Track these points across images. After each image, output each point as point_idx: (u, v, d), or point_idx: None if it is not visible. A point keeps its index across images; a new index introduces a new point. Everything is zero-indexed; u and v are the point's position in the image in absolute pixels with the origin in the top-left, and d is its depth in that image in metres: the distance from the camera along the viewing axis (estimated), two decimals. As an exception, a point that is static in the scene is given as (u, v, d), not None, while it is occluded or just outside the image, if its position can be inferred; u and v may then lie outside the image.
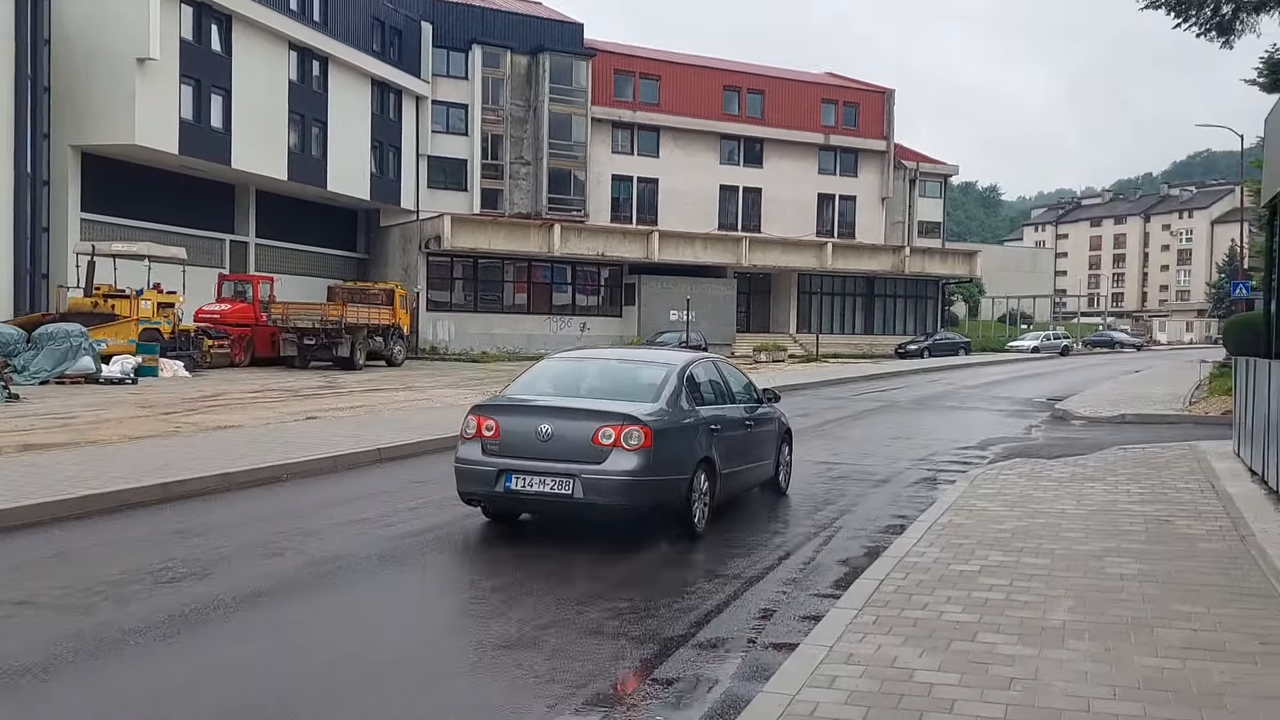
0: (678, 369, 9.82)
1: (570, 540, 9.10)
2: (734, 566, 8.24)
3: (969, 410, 24.06)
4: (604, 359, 10.99)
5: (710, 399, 10.17)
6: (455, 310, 50.63)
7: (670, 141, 60.89)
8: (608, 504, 8.71)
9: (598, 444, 8.70)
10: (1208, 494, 10.79)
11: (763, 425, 11.24)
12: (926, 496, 11.62)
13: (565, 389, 9.82)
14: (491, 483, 8.88)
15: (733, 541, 9.20)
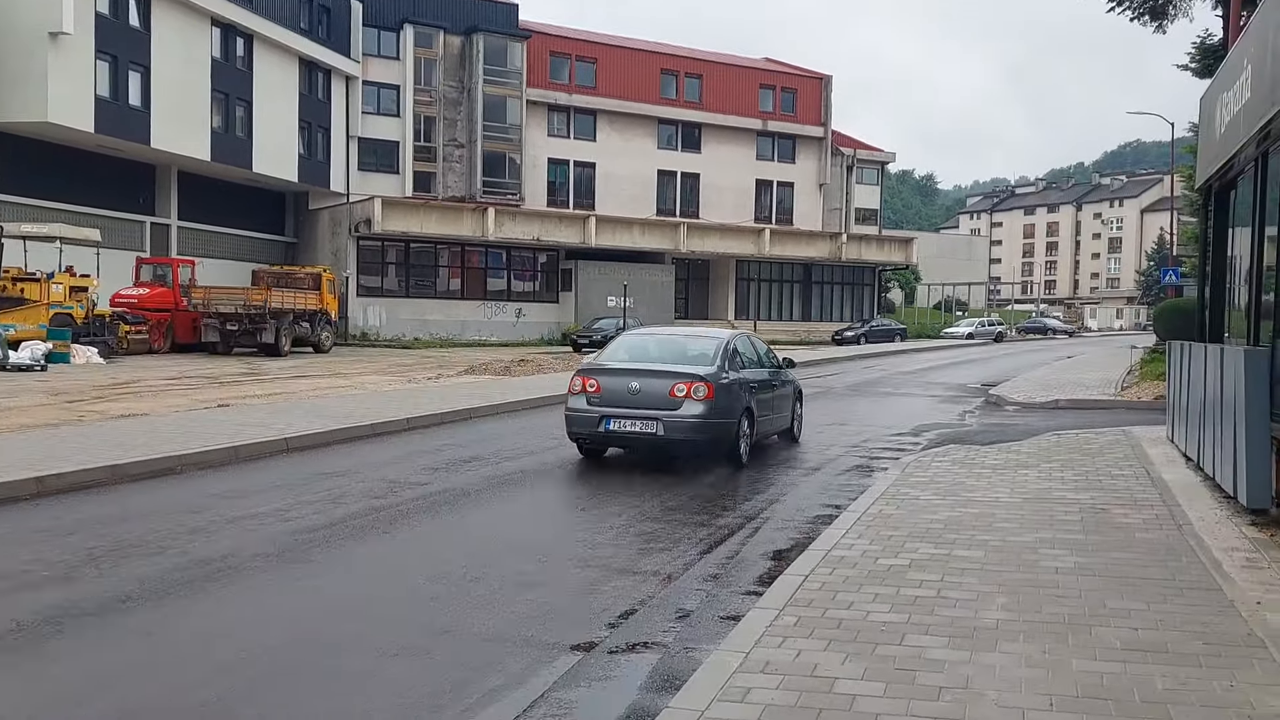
0: (724, 341, 13.08)
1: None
2: (653, 562, 7.74)
3: (903, 396, 23.82)
4: (667, 334, 14.47)
5: (747, 364, 13.24)
6: (387, 295, 49.60)
7: (607, 125, 60.20)
8: (683, 439, 11.96)
9: (674, 396, 11.93)
10: (1143, 481, 10.50)
11: (783, 386, 14.54)
12: (858, 485, 11.22)
13: (640, 357, 13.00)
14: (594, 425, 12.16)
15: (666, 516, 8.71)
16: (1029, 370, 31.71)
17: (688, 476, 11.69)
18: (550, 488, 10.93)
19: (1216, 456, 9.47)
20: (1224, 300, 13.19)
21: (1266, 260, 10.38)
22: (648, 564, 7.67)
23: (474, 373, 28.46)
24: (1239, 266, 12.35)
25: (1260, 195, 10.59)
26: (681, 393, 11.92)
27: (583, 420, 12.26)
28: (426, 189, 55.59)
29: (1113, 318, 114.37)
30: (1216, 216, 13.55)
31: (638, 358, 12.94)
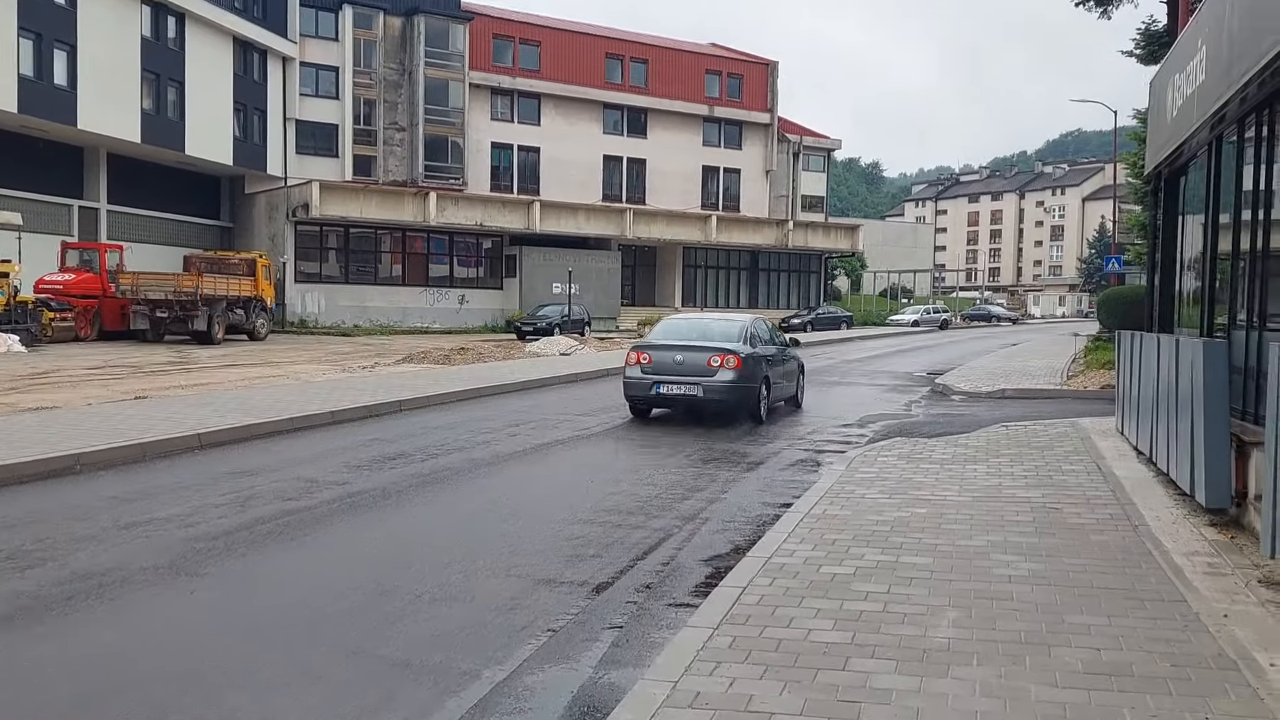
0: (746, 324, 16.51)
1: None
2: (581, 571, 7.20)
3: (849, 385, 23.48)
4: (698, 318, 18.12)
5: (762, 343, 16.35)
6: (326, 282, 48.56)
7: (552, 109, 59.41)
8: (717, 399, 15.01)
9: (710, 365, 15.02)
10: (1094, 476, 10.14)
11: (790, 361, 17.77)
12: (802, 481, 10.76)
13: (680, 336, 16.08)
14: (648, 389, 15.22)
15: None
16: (974, 358, 31.59)
17: (627, 475, 11.17)
18: (478, 488, 10.34)
19: (1171, 452, 9.12)
20: (1174, 289, 12.91)
21: (1220, 249, 10.06)
22: (574, 573, 7.13)
23: (412, 361, 27.74)
24: (1191, 255, 12.06)
25: (1214, 181, 10.26)
26: (716, 363, 15.06)
27: (638, 385, 15.42)
28: (367, 173, 54.51)
29: (1055, 305, 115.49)
30: (1166, 204, 13.27)
31: (679, 337, 16.13)
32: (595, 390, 20.36)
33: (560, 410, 16.74)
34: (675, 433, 14.41)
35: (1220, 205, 10.17)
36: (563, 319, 44.25)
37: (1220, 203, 10.18)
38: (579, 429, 14.63)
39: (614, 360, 27.18)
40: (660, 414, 16.18)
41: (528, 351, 30.82)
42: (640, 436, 14.13)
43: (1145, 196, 26.19)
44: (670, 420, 15.86)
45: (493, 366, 24.84)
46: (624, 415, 16.10)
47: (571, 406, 17.30)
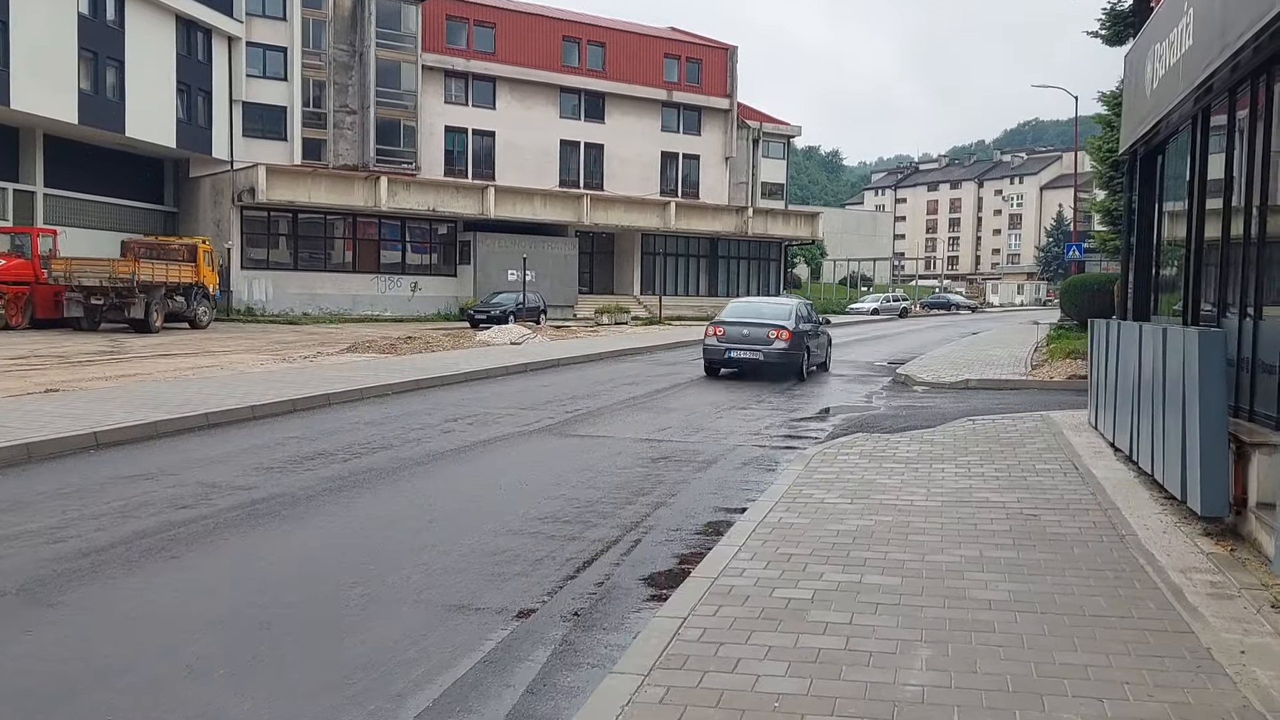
0: (793, 306, 21.63)
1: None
2: (503, 594, 6.30)
3: (808, 376, 22.70)
4: (758, 302, 24.14)
5: (804, 320, 21.08)
6: (274, 268, 47.14)
7: (507, 93, 58.17)
8: (775, 362, 19.95)
9: (769, 338, 19.89)
10: (1071, 477, 9.37)
11: (822, 335, 22.65)
12: (757, 482, 9.92)
13: (746, 315, 20.97)
14: (722, 354, 20.36)
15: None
16: (935, 347, 30.95)
17: (570, 475, 10.27)
18: (402, 492, 9.38)
19: (1157, 452, 8.35)
20: (1151, 275, 12.19)
21: (1207, 231, 9.31)
22: (494, 597, 6.23)
23: (356, 350, 26.67)
24: (1171, 238, 11.34)
25: (1199, 158, 9.50)
26: (773, 336, 20.15)
27: (714, 351, 20.77)
28: (317, 157, 53.07)
29: (1014, 293, 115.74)
30: (1142, 185, 12.54)
31: (744, 316, 21.15)
32: (543, 381, 19.43)
33: (505, 404, 15.80)
34: (629, 424, 13.55)
35: (1206, 184, 9.43)
36: (517, 307, 43.20)
37: (1206, 182, 9.43)
38: (522, 424, 13.70)
39: (567, 350, 26.28)
40: (634, 395, 15.32)
41: (478, 340, 29.81)
42: (585, 432, 13.24)
43: (1111, 181, 25.67)
44: (622, 411, 14.99)
45: (439, 356, 23.83)
46: (571, 409, 15.20)
47: (517, 399, 16.36)
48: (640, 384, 19.56)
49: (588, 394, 17.44)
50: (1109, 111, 25.49)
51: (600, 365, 23.82)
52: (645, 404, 16.39)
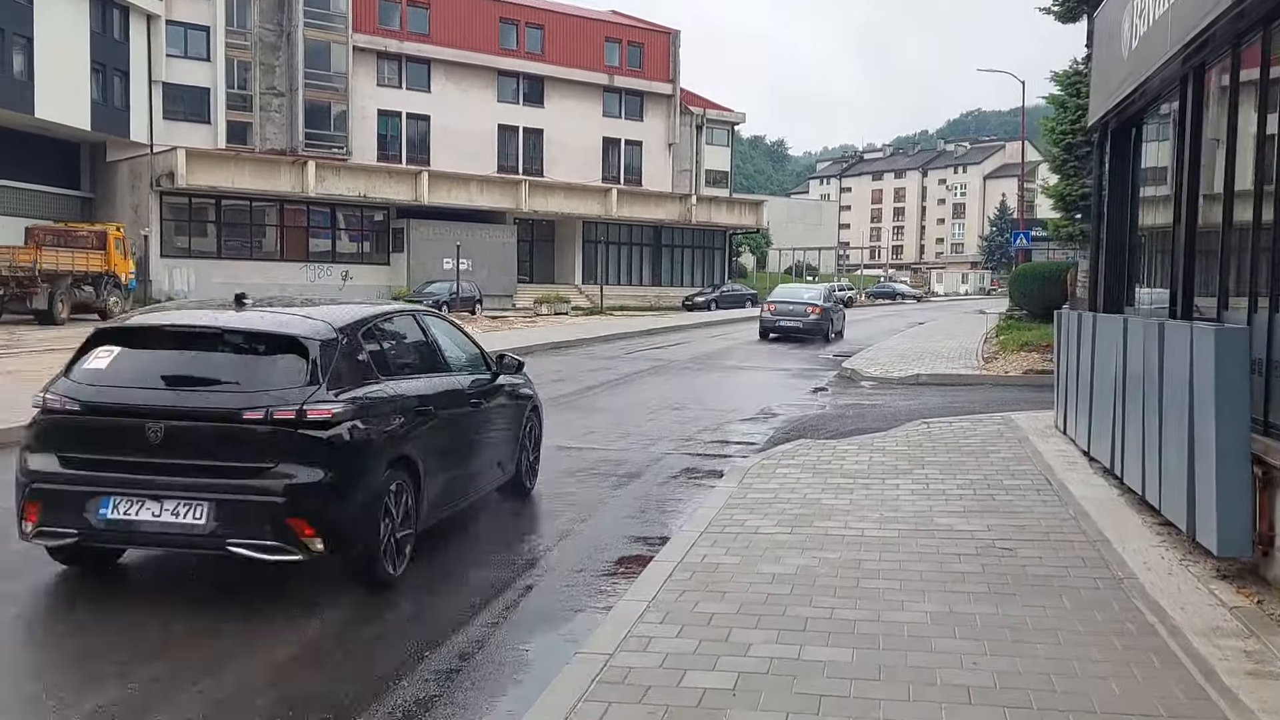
0: (822, 290, 32.79)
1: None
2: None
3: (750, 370, 21.40)
4: (797, 287, 34.88)
5: (829, 301, 31.31)
6: (196, 257, 45.08)
7: (443, 76, 56.24)
8: (807, 329, 29.37)
9: (807, 312, 29.52)
10: (1046, 495, 8.07)
11: (840, 310, 33.68)
12: (683, 502, 8.54)
13: (789, 296, 30.93)
14: (773, 323, 29.71)
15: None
16: (882, 338, 29.79)
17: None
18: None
19: (1150, 470, 7.06)
20: (1126, 262, 10.96)
21: (1204, 213, 8.05)
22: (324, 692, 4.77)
23: (273, 344, 24.88)
24: (1153, 221, 10.10)
25: (1192, 126, 8.22)
26: (809, 311, 29.24)
27: (768, 321, 29.83)
28: (243, 140, 50.85)
29: (958, 282, 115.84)
30: (1114, 161, 11.28)
31: (788, 297, 30.71)
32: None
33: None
34: (549, 428, 12.08)
35: (1200, 157, 8.16)
36: (451, 297, 41.58)
37: (1200, 153, 8.17)
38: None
39: (495, 343, 24.72)
40: (562, 393, 13.83)
41: (404, 333, 28.14)
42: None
43: (1064, 164, 24.62)
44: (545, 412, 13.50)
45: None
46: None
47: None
48: (570, 380, 18.11)
49: (508, 393, 15.93)
50: (1062, 91, 24.46)
51: (529, 360, 22.28)
52: (572, 403, 14.94)
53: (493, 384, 8.11)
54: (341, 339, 6.17)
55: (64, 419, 5.92)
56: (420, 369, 7.08)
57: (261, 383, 5.84)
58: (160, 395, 5.85)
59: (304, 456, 5.70)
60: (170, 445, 5.67)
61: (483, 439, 7.75)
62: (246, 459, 5.70)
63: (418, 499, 6.46)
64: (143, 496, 5.68)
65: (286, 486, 5.60)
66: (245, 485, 5.66)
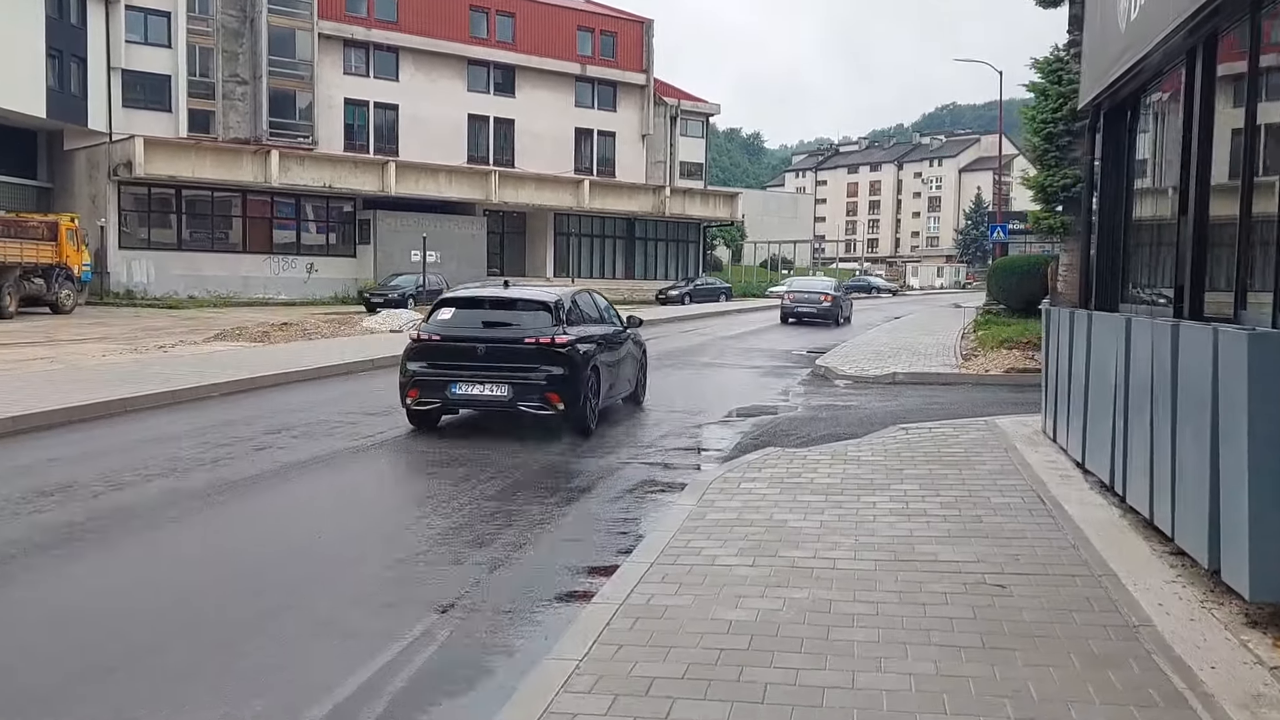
0: (833, 282, 40.53)
1: None
2: None
3: (722, 367, 20.51)
4: (811, 280, 44.79)
5: (841, 291, 38.22)
6: (156, 248, 43.76)
7: (411, 64, 55.01)
8: (821, 314, 34.59)
9: (820, 300, 35.14)
10: (1039, 516, 7.23)
11: (849, 300, 39.60)
12: (634, 524, 7.65)
13: (805, 286, 37.84)
14: (791, 310, 34.99)
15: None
16: (857, 334, 29.00)
17: (392, 516, 7.89)
18: (126, 562, 6.93)
19: (1161, 492, 6.22)
20: (1121, 257, 10.13)
21: (1214, 204, 7.21)
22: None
23: (225, 339, 23.94)
24: (1153, 212, 9.27)
25: (1202, 104, 7.38)
26: (822, 299, 34.48)
27: (788, 308, 34.63)
28: (205, 129, 49.52)
29: (934, 276, 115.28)
30: (1107, 146, 10.45)
31: (804, 288, 36.85)
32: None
33: (352, 408, 13.31)
34: (498, 431, 11.15)
35: (1212, 139, 7.32)
36: (417, 290, 40.49)
37: (1210, 135, 7.33)
38: (361, 437, 11.23)
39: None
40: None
41: (363, 327, 27.16)
42: (436, 451, 10.83)
43: (1046, 154, 23.83)
44: (497, 412, 12.61)
45: (310, 346, 21.21)
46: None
47: (370, 401, 13.86)
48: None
49: (461, 393, 15.04)
50: (1043, 79, 23.65)
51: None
52: (526, 405, 14.03)
53: (626, 333, 13.50)
54: (565, 302, 11.69)
55: (429, 343, 11.24)
56: (595, 321, 12.59)
57: (530, 325, 11.18)
58: (480, 331, 11.22)
59: (552, 361, 10.87)
60: (487, 356, 10.97)
61: (623, 363, 13.02)
62: (524, 362, 10.90)
63: (599, 389, 11.61)
64: (474, 381, 10.87)
65: (546, 376, 10.81)
66: (525, 375, 10.84)
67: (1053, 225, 23.89)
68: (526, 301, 11.60)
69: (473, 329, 11.22)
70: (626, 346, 13.22)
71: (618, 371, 12.58)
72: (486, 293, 12.29)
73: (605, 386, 11.83)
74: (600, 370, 11.60)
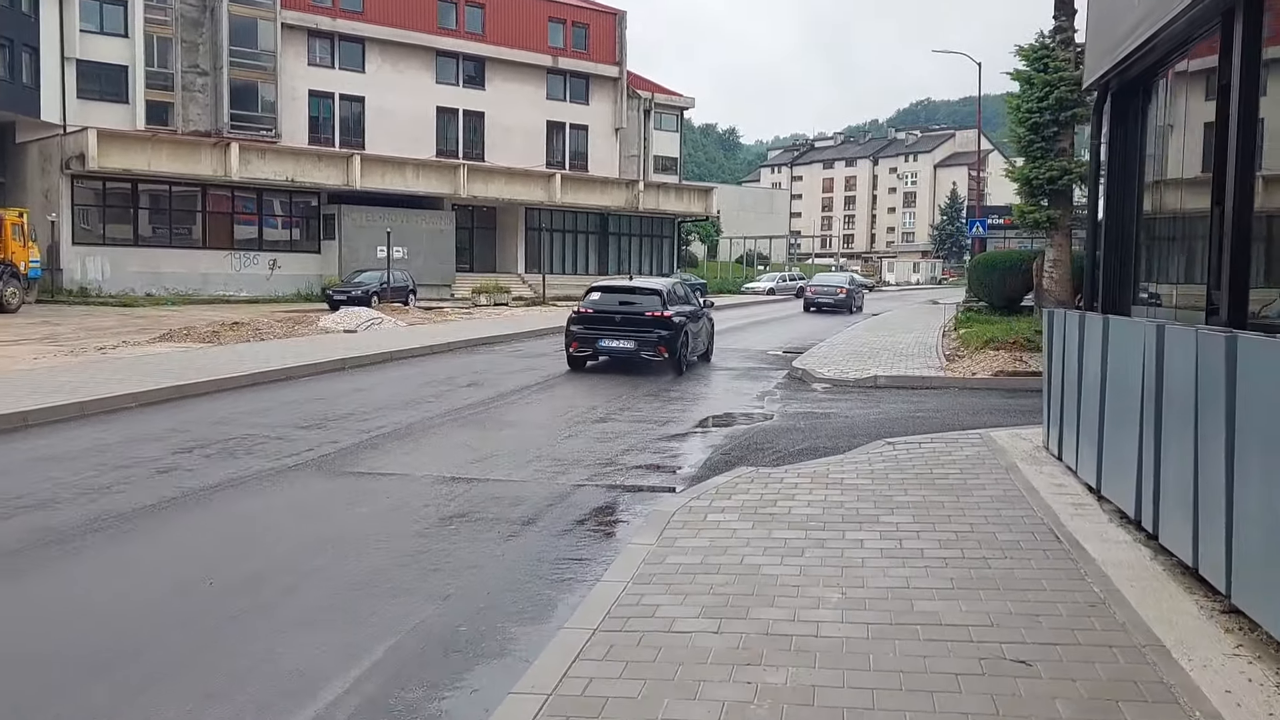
0: (849, 276, 54.61)
1: None
2: None
3: (693, 370, 19.38)
4: (830, 275, 55.72)
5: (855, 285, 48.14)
6: (111, 244, 42.26)
7: (378, 55, 53.67)
8: (837, 305, 42.12)
9: (837, 292, 43.43)
10: (1056, 558, 6.16)
11: (862, 293, 48.64)
12: (581, 566, 6.53)
13: (822, 281, 47.72)
14: (813, 301, 42.92)
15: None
16: (835, 332, 27.97)
17: (290, 552, 6.74)
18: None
19: (1214, 542, 5.14)
20: (1133, 254, 9.08)
21: (1265, 195, 6.17)
22: None
23: (172, 339, 22.66)
24: (1175, 204, 8.22)
25: (1242, 78, 6.32)
26: (839, 291, 42.86)
27: (809, 300, 42.57)
28: (164, 122, 48.05)
29: (910, 272, 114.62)
30: (1117, 130, 9.39)
31: (823, 282, 46.72)
32: (359, 383, 15.73)
33: (283, 420, 12.09)
34: (441, 451, 10.02)
35: (1252, 118, 6.27)
36: (381, 287, 39.24)
37: (1252, 114, 6.27)
38: (284, 456, 10.00)
39: (415, 338, 22.58)
40: (470, 402, 11.78)
41: (319, 327, 25.89)
42: (368, 468, 9.68)
43: (1032, 145, 22.83)
44: (444, 427, 11.44)
45: (255, 348, 19.94)
46: (370, 427, 11.62)
47: (306, 412, 12.66)
48: (486, 384, 16.02)
49: (408, 401, 13.82)
50: (1029, 66, 22.65)
51: (447, 358, 20.18)
52: (479, 416, 12.85)
53: (703, 311, 20.04)
54: (670, 288, 18.41)
55: (585, 314, 17.55)
56: (684, 302, 18.67)
57: (647, 304, 17.45)
58: (616, 306, 17.48)
59: (662, 327, 17.06)
60: (621, 323, 17.27)
61: (700, 332, 18.93)
62: (644, 327, 17.08)
63: (688, 345, 17.53)
64: (613, 338, 17.14)
65: (657, 336, 16.97)
66: (645, 334, 17.03)
67: (1038, 219, 22.90)
68: (644, 289, 18.20)
69: (612, 305, 17.68)
70: (703, 320, 19.72)
71: (699, 335, 19.00)
72: (619, 283, 19.71)
73: (691, 344, 18.29)
74: (689, 334, 18.04)
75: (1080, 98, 21.37)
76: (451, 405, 13.54)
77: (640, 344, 17.03)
